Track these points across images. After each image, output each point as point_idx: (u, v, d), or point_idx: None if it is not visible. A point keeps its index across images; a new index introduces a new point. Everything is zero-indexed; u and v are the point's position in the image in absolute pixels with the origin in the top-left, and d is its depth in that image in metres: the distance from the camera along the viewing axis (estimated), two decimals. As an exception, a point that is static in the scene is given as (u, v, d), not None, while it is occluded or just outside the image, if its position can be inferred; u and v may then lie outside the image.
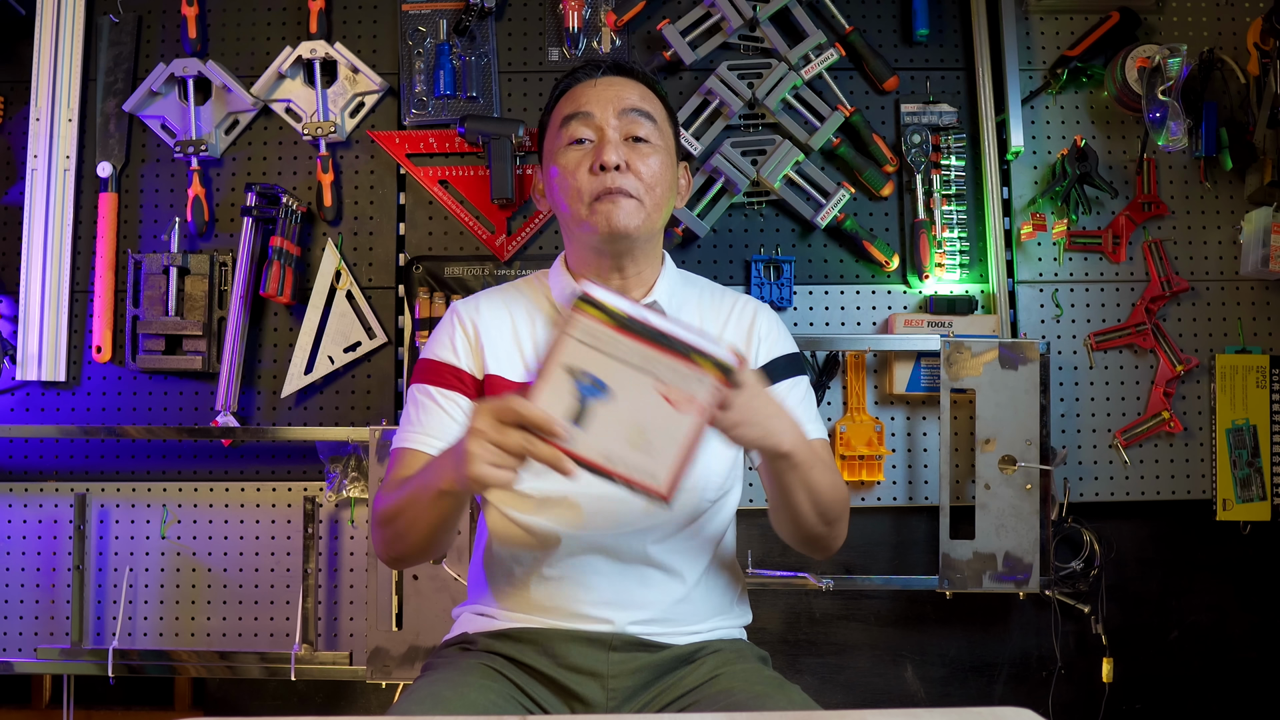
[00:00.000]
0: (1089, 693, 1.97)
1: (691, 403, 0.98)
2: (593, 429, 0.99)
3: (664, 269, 1.33)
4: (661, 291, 1.31)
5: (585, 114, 1.26)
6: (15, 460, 2.01)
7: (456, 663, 1.20)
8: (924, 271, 1.98)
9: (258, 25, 2.05)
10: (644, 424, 0.99)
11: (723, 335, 1.32)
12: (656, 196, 1.26)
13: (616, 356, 0.98)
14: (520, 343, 1.30)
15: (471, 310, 1.33)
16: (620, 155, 1.24)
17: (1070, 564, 1.96)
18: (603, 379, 0.98)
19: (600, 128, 1.26)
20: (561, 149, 1.27)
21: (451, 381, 1.29)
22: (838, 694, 2.01)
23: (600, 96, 1.27)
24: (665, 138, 1.30)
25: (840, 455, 1.95)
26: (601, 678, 1.20)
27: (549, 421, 0.97)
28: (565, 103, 1.30)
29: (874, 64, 2.01)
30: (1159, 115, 1.88)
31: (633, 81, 1.30)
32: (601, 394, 0.99)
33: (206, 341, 1.96)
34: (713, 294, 1.38)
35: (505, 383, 1.27)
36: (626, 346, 0.97)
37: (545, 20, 2.04)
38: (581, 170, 1.25)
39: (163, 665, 1.91)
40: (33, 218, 1.99)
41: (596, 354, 0.98)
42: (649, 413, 0.99)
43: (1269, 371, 1.98)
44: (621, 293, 1.25)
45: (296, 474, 1.99)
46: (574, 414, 0.99)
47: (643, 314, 0.98)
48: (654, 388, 0.98)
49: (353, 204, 2.02)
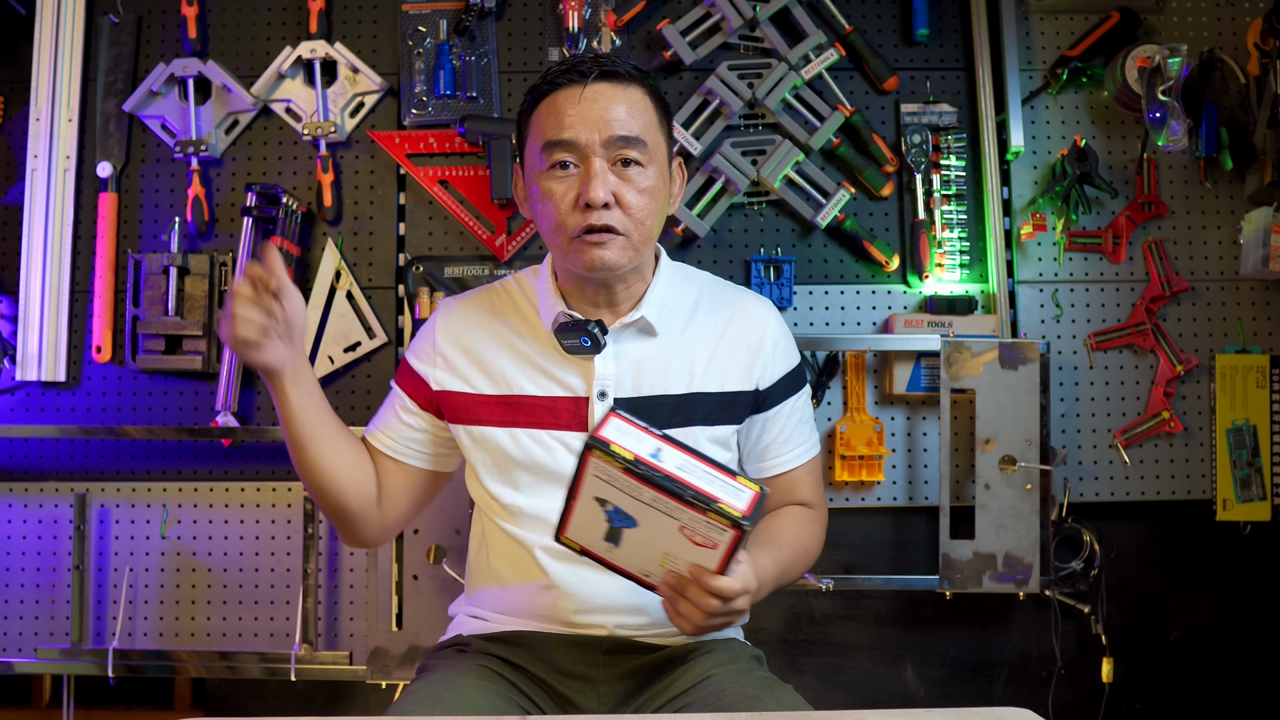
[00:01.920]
0: (1089, 693, 1.97)
1: (714, 545, 1.00)
2: (625, 548, 1.05)
3: (656, 276, 1.28)
4: (651, 305, 1.26)
5: (568, 142, 1.17)
6: (15, 460, 2.01)
7: (453, 663, 1.21)
8: (924, 271, 1.98)
9: (258, 25, 2.05)
10: (672, 552, 1.03)
11: (715, 356, 1.28)
12: (646, 230, 1.21)
13: (636, 498, 1.00)
14: (500, 353, 1.28)
15: (449, 316, 1.32)
16: (607, 190, 1.16)
17: (1070, 564, 1.96)
18: (628, 512, 1.01)
19: (586, 156, 1.17)
20: (544, 172, 1.20)
21: (410, 389, 1.32)
22: (838, 694, 2.01)
23: (585, 117, 1.16)
24: (658, 152, 1.22)
25: (840, 455, 1.95)
26: (593, 682, 1.21)
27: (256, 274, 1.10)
28: (546, 116, 1.19)
29: (874, 64, 2.01)
30: (1159, 115, 1.88)
31: (621, 89, 1.19)
32: (629, 523, 1.02)
33: (206, 341, 1.96)
34: (712, 297, 1.33)
35: (478, 399, 1.27)
36: (643, 492, 0.99)
37: (545, 20, 2.04)
38: (566, 202, 1.18)
39: (163, 665, 1.91)
40: (33, 218, 1.99)
41: (618, 492, 1.00)
42: (675, 545, 1.02)
43: (1269, 371, 1.98)
44: (609, 306, 1.26)
45: (296, 474, 1.98)
46: (607, 535, 1.04)
47: (654, 461, 0.98)
48: (676, 527, 1.00)
49: (353, 204, 2.02)
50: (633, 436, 0.99)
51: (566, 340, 1.24)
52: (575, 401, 1.25)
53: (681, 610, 1.05)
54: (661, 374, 1.26)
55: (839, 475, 1.96)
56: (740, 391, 1.28)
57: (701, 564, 1.02)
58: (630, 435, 0.99)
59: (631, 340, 1.27)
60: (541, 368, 1.26)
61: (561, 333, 1.24)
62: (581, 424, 1.24)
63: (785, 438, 1.34)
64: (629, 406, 1.23)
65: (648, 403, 1.24)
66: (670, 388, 1.25)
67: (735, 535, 0.98)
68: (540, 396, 1.25)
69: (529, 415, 1.25)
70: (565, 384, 1.25)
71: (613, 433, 0.99)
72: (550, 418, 1.24)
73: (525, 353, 1.27)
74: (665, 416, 1.24)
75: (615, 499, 1.00)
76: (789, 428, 1.34)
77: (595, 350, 1.23)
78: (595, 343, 1.22)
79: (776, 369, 1.32)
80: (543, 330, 1.27)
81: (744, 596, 1.06)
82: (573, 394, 1.25)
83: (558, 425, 1.24)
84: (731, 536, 0.98)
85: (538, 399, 1.25)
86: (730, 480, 0.99)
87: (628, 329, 1.26)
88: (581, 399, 1.24)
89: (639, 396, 1.25)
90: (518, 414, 1.25)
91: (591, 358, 1.25)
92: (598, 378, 1.24)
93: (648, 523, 1.01)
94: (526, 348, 1.27)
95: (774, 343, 1.31)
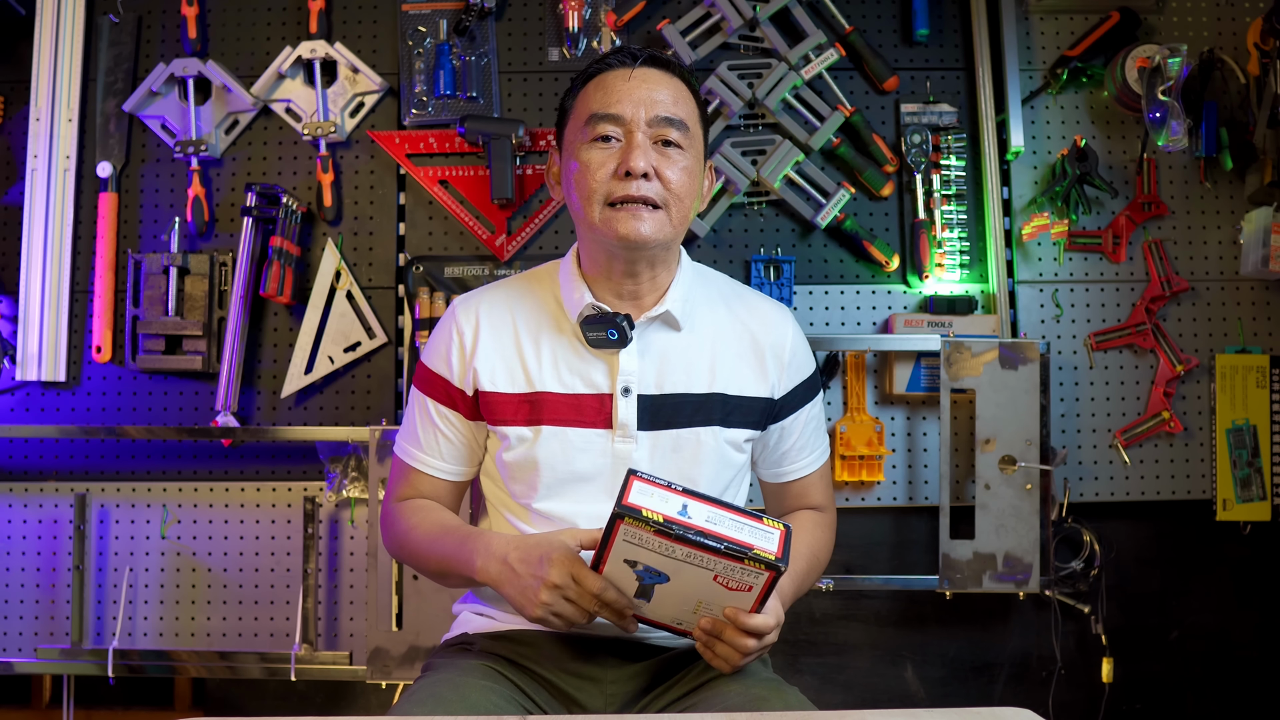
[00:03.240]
0: (1089, 693, 1.97)
1: (749, 588, 1.04)
2: (657, 601, 1.08)
3: (680, 270, 1.28)
4: (675, 299, 1.25)
5: (614, 116, 1.18)
6: (15, 460, 2.01)
7: (457, 663, 1.20)
8: (924, 271, 1.98)
9: (258, 25, 2.05)
10: (706, 599, 1.06)
11: (736, 358, 1.27)
12: (684, 207, 1.21)
13: (668, 556, 1.03)
14: (521, 349, 1.26)
15: (470, 316, 1.28)
16: (649, 161, 1.17)
17: (1070, 564, 1.96)
18: (659, 569, 1.04)
19: (630, 131, 1.18)
20: (585, 144, 1.20)
21: (444, 398, 1.28)
22: (838, 694, 2.01)
23: (633, 95, 1.19)
24: (696, 142, 1.24)
25: (840, 455, 1.95)
26: (600, 682, 1.20)
27: (624, 606, 1.07)
28: (594, 93, 1.21)
29: (874, 64, 2.01)
30: (1159, 115, 1.88)
31: (668, 77, 1.22)
32: (661, 579, 1.06)
33: (206, 341, 1.96)
34: (733, 297, 1.32)
35: (501, 398, 1.24)
36: (675, 550, 1.02)
37: (545, 20, 2.04)
38: (605, 170, 1.18)
39: (163, 665, 1.91)
40: (33, 218, 1.99)
41: (648, 552, 1.03)
42: (709, 593, 1.05)
43: (1269, 371, 1.98)
44: (633, 298, 1.25)
45: (296, 474, 1.99)
46: (638, 592, 1.08)
47: (684, 519, 1.01)
48: (710, 576, 1.03)
49: (353, 204, 2.02)
50: (658, 497, 1.02)
51: (593, 333, 1.22)
52: (599, 398, 1.23)
53: (719, 653, 1.09)
54: (684, 372, 1.25)
55: (839, 475, 1.96)
56: (758, 397, 1.28)
57: (736, 606, 1.06)
58: (655, 496, 1.02)
59: (655, 335, 1.26)
60: (565, 363, 1.24)
61: (588, 325, 1.22)
62: (606, 420, 1.23)
63: (801, 445, 1.34)
64: (651, 404, 1.23)
65: (670, 400, 1.24)
66: (693, 386, 1.25)
67: (770, 577, 1.02)
68: (564, 394, 1.23)
69: (554, 413, 1.23)
70: (590, 380, 1.24)
71: (638, 497, 1.02)
72: (575, 415, 1.23)
73: (547, 348, 1.25)
74: (687, 415, 1.24)
75: (646, 559, 1.04)
76: (805, 435, 1.34)
77: (621, 344, 1.22)
78: (622, 336, 1.21)
79: (794, 377, 1.31)
80: (565, 323, 1.26)
81: (776, 629, 1.10)
82: (597, 391, 1.23)
83: (582, 423, 1.23)
84: (766, 579, 1.02)
85: (562, 396, 1.23)
86: (757, 524, 1.03)
87: (653, 323, 1.25)
88: (606, 395, 1.23)
89: (661, 394, 1.24)
90: (542, 412, 1.23)
91: (616, 353, 1.23)
92: (622, 373, 1.23)
93: (681, 576, 1.04)
94: (548, 343, 1.26)
95: (792, 352, 1.31)
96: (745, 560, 1.00)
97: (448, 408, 1.28)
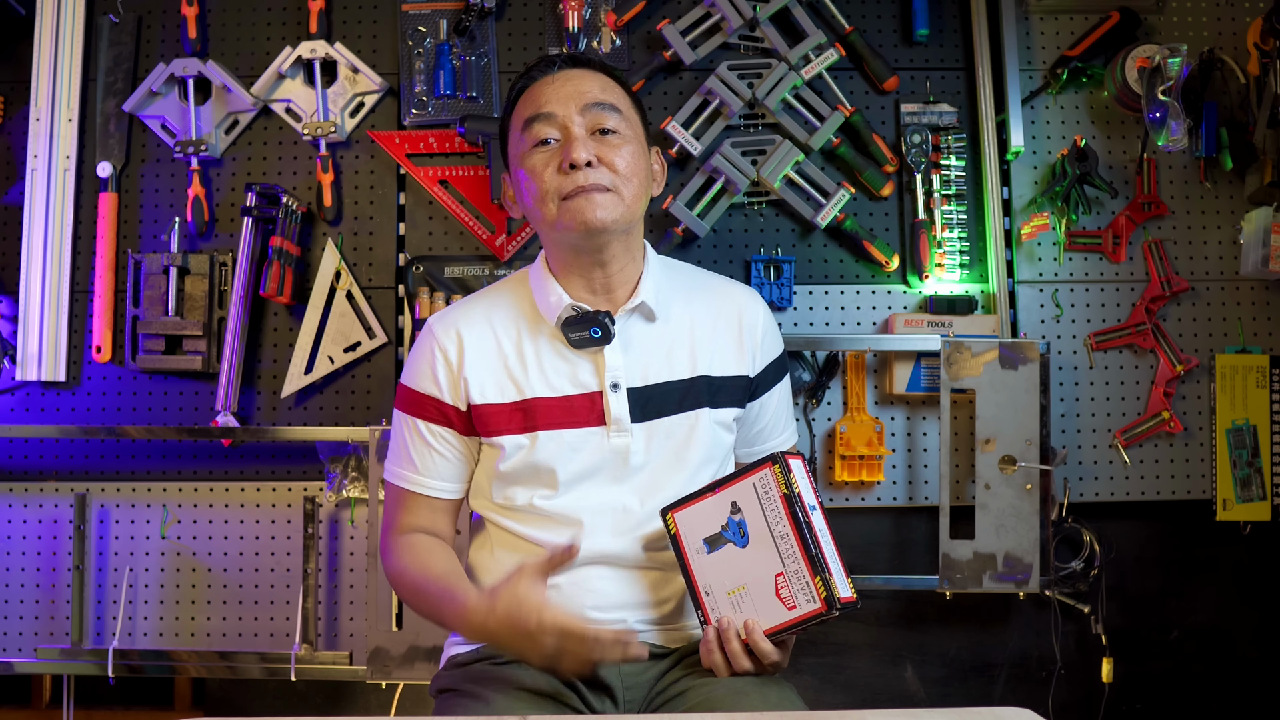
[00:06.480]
0: (1089, 693, 1.97)
1: (793, 606, 1.07)
2: (715, 559, 1.11)
3: (647, 264, 1.29)
4: (648, 290, 1.27)
5: (547, 114, 1.22)
6: (15, 460, 2.01)
7: (483, 682, 1.21)
8: (924, 271, 1.98)
9: (258, 25, 2.05)
10: (750, 588, 1.10)
11: (713, 340, 1.29)
12: (634, 187, 1.22)
13: (768, 524, 1.07)
14: (506, 359, 1.26)
15: (449, 332, 1.28)
16: (589, 151, 1.20)
17: (1070, 564, 1.96)
18: (748, 530, 1.08)
19: (565, 126, 1.21)
20: (527, 151, 1.23)
21: (437, 416, 1.28)
22: (838, 694, 2.01)
23: (560, 93, 1.22)
24: (634, 126, 1.26)
25: (840, 455, 1.95)
26: (613, 689, 1.21)
27: (635, 654, 1.06)
28: (524, 104, 1.25)
29: (874, 64, 2.01)
30: (1159, 115, 1.88)
31: (590, 72, 1.26)
32: (741, 541, 1.09)
33: (206, 341, 1.96)
34: (699, 287, 1.34)
35: (493, 409, 1.25)
36: (781, 523, 1.07)
37: (545, 20, 2.04)
38: (550, 169, 1.21)
39: (163, 665, 1.91)
40: (33, 218, 1.99)
41: (757, 509, 1.08)
42: (758, 583, 1.09)
43: (1269, 371, 1.98)
44: (606, 293, 1.26)
45: (296, 474, 1.99)
46: (710, 538, 1.11)
47: (809, 509, 1.08)
48: (775, 570, 1.08)
49: (353, 204, 2.02)
50: (806, 484, 1.10)
51: (575, 334, 1.23)
52: (590, 397, 1.24)
53: (714, 661, 1.13)
54: (665, 362, 1.26)
55: (839, 475, 1.96)
56: (739, 375, 1.30)
57: (766, 617, 1.09)
58: (805, 482, 1.10)
59: (634, 329, 1.27)
60: (551, 366, 1.25)
61: (569, 326, 1.23)
62: (599, 418, 1.23)
63: (774, 423, 1.38)
64: (640, 395, 1.24)
65: (657, 390, 1.25)
66: (675, 374, 1.26)
67: (819, 610, 1.05)
68: (555, 397, 1.24)
69: (547, 417, 1.24)
70: (577, 380, 1.25)
71: (795, 467, 1.09)
72: (568, 416, 1.24)
73: (530, 354, 1.26)
74: (676, 401, 1.25)
75: (750, 514, 1.08)
76: (779, 414, 1.38)
77: (605, 341, 1.23)
78: (605, 333, 1.22)
79: (767, 355, 1.35)
80: (544, 327, 1.26)
81: (778, 664, 1.13)
82: (586, 390, 1.24)
83: (576, 423, 1.24)
84: (816, 609, 1.05)
85: (553, 400, 1.24)
86: (846, 573, 1.08)
87: (631, 316, 1.27)
88: (595, 393, 1.24)
89: (648, 385, 1.25)
90: (536, 418, 1.24)
91: (600, 350, 1.24)
92: (609, 369, 1.24)
93: (756, 550, 1.08)
94: (530, 349, 1.26)
95: (764, 331, 1.34)
96: (818, 577, 1.04)
97: (440, 425, 1.28)
